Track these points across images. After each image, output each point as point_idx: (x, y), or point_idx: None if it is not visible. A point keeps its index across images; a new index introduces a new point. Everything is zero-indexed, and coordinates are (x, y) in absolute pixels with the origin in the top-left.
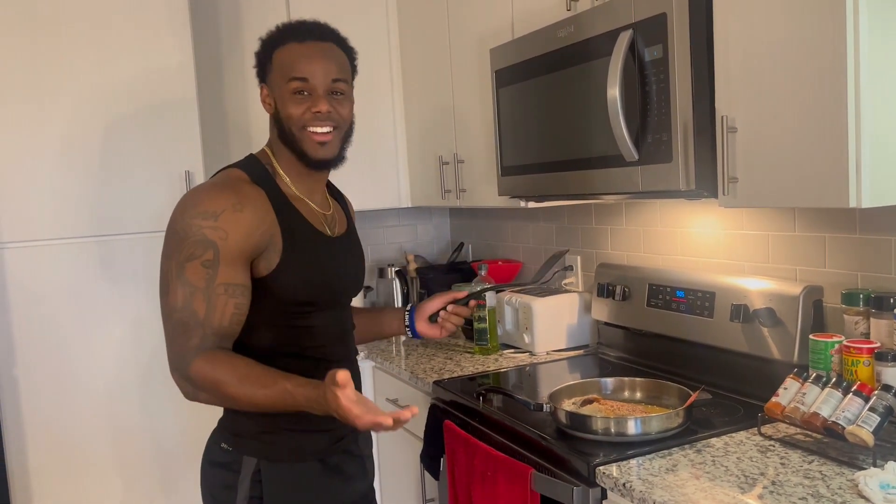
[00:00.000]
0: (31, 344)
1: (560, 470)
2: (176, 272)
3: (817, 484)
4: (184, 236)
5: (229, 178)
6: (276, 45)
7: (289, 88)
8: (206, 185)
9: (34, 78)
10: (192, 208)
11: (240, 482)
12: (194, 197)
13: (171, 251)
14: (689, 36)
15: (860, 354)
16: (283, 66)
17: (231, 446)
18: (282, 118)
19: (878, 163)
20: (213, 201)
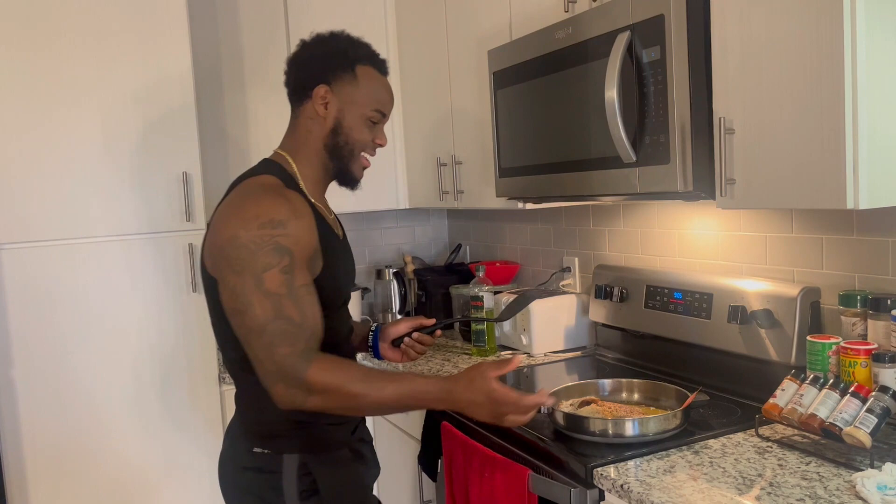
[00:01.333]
0: (28, 345)
1: (557, 471)
2: (254, 285)
3: (815, 485)
4: (255, 248)
5: (274, 186)
6: (359, 60)
7: (368, 114)
8: (255, 193)
9: (33, 82)
10: (255, 220)
11: (284, 480)
12: (252, 208)
13: (241, 266)
14: (686, 37)
15: (857, 356)
16: (371, 92)
17: (266, 448)
18: (345, 136)
19: (875, 164)
20: (275, 210)
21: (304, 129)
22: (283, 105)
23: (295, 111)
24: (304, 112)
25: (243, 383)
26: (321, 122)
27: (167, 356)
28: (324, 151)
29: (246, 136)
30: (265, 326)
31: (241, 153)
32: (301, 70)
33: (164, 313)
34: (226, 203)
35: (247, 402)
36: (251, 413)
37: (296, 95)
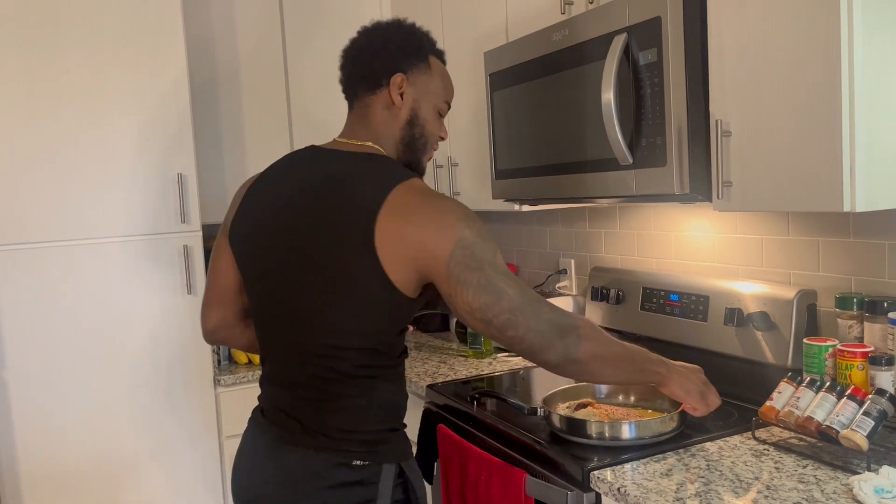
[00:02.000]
0: (21, 347)
1: (554, 474)
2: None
3: (812, 488)
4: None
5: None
6: (432, 52)
7: (440, 107)
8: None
9: (30, 84)
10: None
11: (380, 492)
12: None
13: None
14: (683, 40)
15: (854, 358)
16: (443, 83)
17: (368, 460)
18: (421, 128)
19: (871, 167)
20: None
21: (379, 120)
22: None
23: (362, 100)
24: (377, 101)
25: (347, 394)
26: (396, 113)
27: (162, 358)
28: (400, 143)
29: (241, 137)
30: (522, 300)
31: (236, 154)
32: (374, 58)
33: (159, 315)
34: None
35: (347, 413)
36: (351, 424)
37: (365, 83)
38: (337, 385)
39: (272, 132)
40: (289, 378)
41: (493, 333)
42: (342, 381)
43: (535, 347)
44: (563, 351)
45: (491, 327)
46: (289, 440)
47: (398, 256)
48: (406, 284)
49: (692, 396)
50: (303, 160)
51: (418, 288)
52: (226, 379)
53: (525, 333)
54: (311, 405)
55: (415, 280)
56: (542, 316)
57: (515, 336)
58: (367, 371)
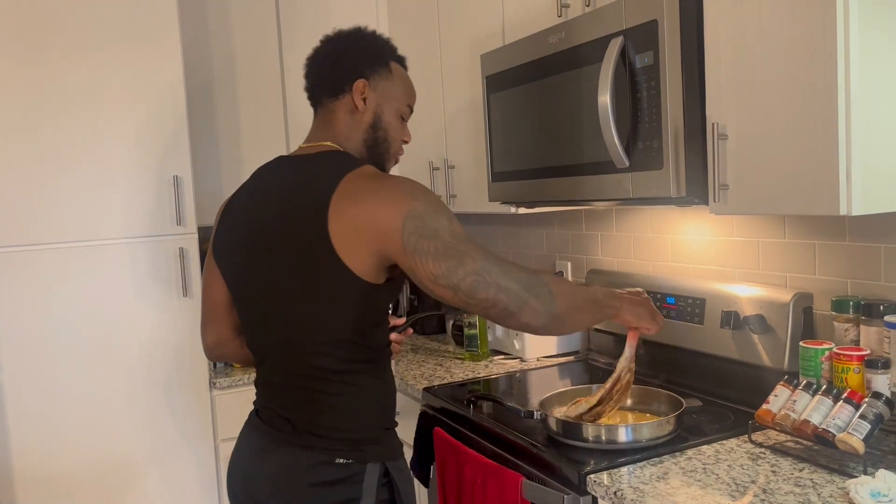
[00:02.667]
0: (17, 349)
1: (551, 478)
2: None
3: (808, 492)
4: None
5: None
6: (393, 58)
7: (402, 110)
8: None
9: (27, 87)
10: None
11: (364, 491)
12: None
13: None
14: (679, 43)
15: (850, 361)
16: (404, 87)
17: (351, 458)
18: (384, 131)
19: (868, 170)
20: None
21: (343, 124)
22: (274, 109)
23: (327, 106)
24: (340, 107)
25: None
26: (359, 117)
27: (157, 361)
28: (363, 147)
29: (237, 139)
30: (486, 261)
31: (232, 156)
32: (336, 65)
33: (155, 317)
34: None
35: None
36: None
37: (328, 90)
38: (320, 383)
39: (268, 134)
40: (277, 379)
41: (463, 299)
42: (324, 379)
43: (511, 309)
44: (541, 309)
45: (459, 293)
46: (279, 440)
47: (353, 242)
48: (367, 270)
49: (644, 320)
50: (269, 171)
51: (382, 272)
52: (221, 382)
53: (497, 294)
54: (298, 404)
55: (375, 264)
56: (511, 275)
57: (487, 298)
58: (347, 366)
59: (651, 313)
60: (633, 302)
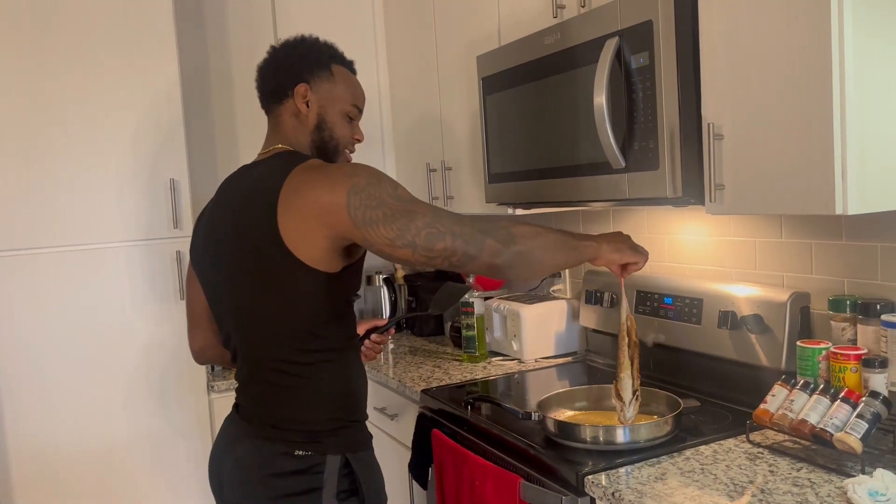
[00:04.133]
0: (14, 353)
1: (549, 479)
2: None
3: (806, 492)
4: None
5: None
6: (335, 59)
7: (346, 110)
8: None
9: (23, 90)
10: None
11: (325, 482)
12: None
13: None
14: (675, 43)
15: (847, 361)
16: (347, 88)
17: (309, 450)
18: (329, 132)
19: (864, 170)
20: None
21: (289, 127)
22: None
23: (274, 112)
24: (285, 111)
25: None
26: (304, 120)
27: (155, 364)
28: (311, 148)
29: (234, 142)
30: (436, 213)
31: (228, 160)
32: (278, 72)
33: (152, 321)
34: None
35: (289, 403)
36: (293, 414)
37: (274, 97)
38: (279, 376)
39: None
40: (245, 373)
41: (423, 254)
42: (283, 372)
43: (470, 252)
44: (502, 248)
45: (417, 249)
46: (248, 432)
47: (303, 231)
48: (320, 259)
49: (626, 255)
50: (231, 179)
51: (336, 259)
52: (219, 385)
53: (454, 241)
54: (261, 397)
55: (328, 250)
56: (463, 221)
57: (446, 247)
58: (305, 357)
59: (633, 246)
60: (611, 239)
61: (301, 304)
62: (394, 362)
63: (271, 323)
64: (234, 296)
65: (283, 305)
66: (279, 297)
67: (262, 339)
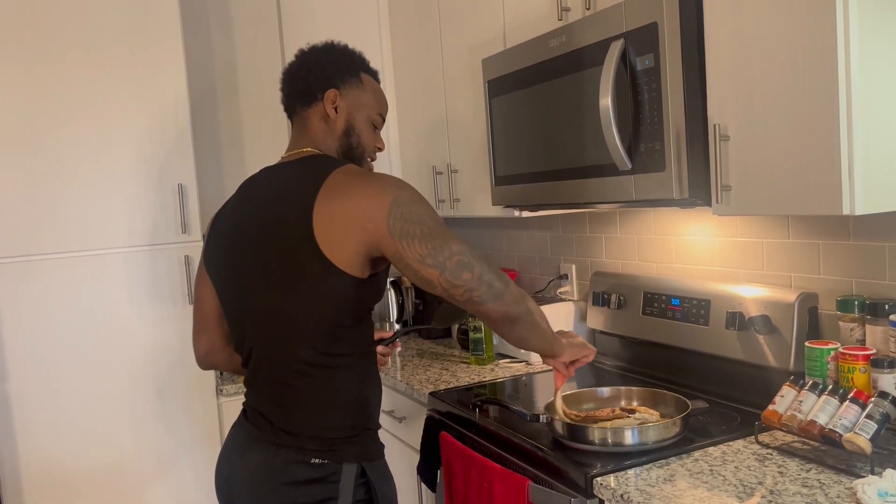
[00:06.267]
0: (23, 359)
1: (557, 481)
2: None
3: (815, 493)
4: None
5: None
6: (363, 68)
7: (373, 118)
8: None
9: (29, 96)
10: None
11: (341, 491)
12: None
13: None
14: (680, 45)
15: (856, 361)
16: (375, 97)
17: (326, 458)
18: (356, 138)
19: (870, 170)
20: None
21: (317, 130)
22: (277, 117)
23: (301, 114)
24: (313, 114)
25: (304, 390)
26: (332, 125)
27: (164, 369)
28: (338, 153)
29: (241, 147)
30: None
31: (235, 164)
32: (309, 75)
33: (161, 326)
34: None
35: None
36: (309, 421)
37: (302, 99)
38: (297, 377)
39: (271, 141)
40: (259, 376)
41: (448, 279)
42: (302, 373)
43: (491, 293)
44: (520, 299)
45: (445, 272)
46: (259, 438)
47: (338, 235)
48: (351, 264)
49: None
50: (254, 181)
51: (366, 266)
52: (228, 388)
53: (481, 275)
54: (275, 401)
55: (360, 256)
56: (491, 266)
57: (471, 278)
58: (325, 360)
59: (583, 343)
60: (571, 344)
61: (328, 304)
62: (401, 365)
63: (295, 323)
64: (256, 294)
65: (309, 305)
66: (307, 296)
67: (283, 339)
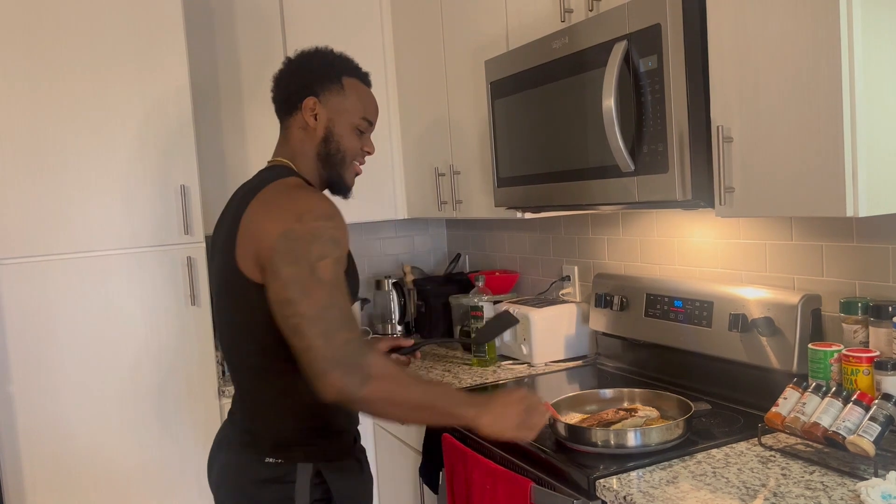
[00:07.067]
0: (26, 361)
1: (560, 483)
2: (308, 273)
3: (819, 495)
4: (311, 239)
5: (306, 185)
6: (345, 72)
7: (355, 122)
8: (295, 191)
9: (31, 97)
10: (309, 213)
11: (297, 491)
12: (302, 203)
13: (297, 256)
14: (683, 46)
15: (860, 363)
16: (357, 101)
17: (281, 458)
18: (336, 144)
19: (874, 171)
20: (323, 205)
21: (296, 139)
22: None
23: (284, 123)
24: (294, 123)
25: (259, 392)
26: (312, 133)
27: (166, 370)
28: (317, 160)
29: (244, 148)
30: (322, 313)
31: (238, 166)
32: (289, 84)
33: (163, 327)
34: (262, 203)
35: (261, 411)
36: (264, 423)
37: (285, 108)
38: (253, 383)
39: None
40: (232, 379)
41: (287, 334)
42: (258, 379)
43: (312, 369)
44: (341, 386)
45: (286, 328)
46: (230, 437)
47: (244, 248)
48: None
49: (508, 433)
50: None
51: None
52: (230, 390)
53: (308, 349)
54: (241, 405)
55: (259, 270)
56: (333, 340)
57: (299, 347)
58: (278, 366)
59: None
60: (497, 412)
61: (261, 314)
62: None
63: (241, 331)
64: (216, 303)
65: (247, 314)
66: (242, 306)
67: (236, 346)
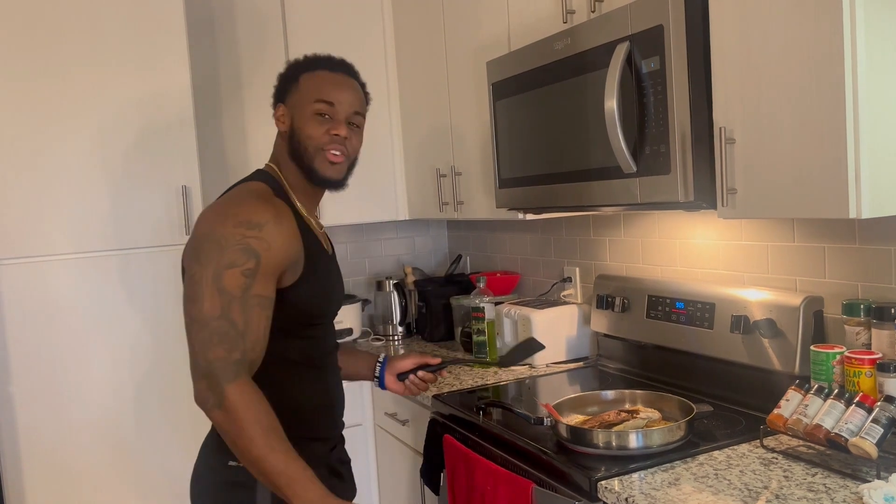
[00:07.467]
0: (26, 361)
1: (561, 484)
2: (212, 278)
3: (821, 497)
4: (225, 244)
5: (261, 191)
6: (305, 69)
7: (313, 109)
8: (239, 195)
9: (32, 97)
10: (234, 217)
11: (258, 496)
12: (233, 206)
13: (207, 258)
14: (685, 47)
15: (862, 365)
16: (310, 88)
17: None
18: (298, 137)
19: (877, 173)
20: (255, 212)
21: (277, 147)
22: None
23: None
24: (277, 135)
25: None
26: (284, 136)
27: (166, 370)
28: (292, 161)
29: (245, 149)
30: (209, 322)
31: (239, 166)
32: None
33: (164, 327)
34: (211, 205)
35: None
36: None
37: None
38: None
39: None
40: None
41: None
42: None
43: (191, 368)
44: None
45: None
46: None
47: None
48: None
49: None
50: None
51: None
52: None
53: (189, 350)
54: None
55: None
56: (207, 353)
57: (188, 344)
58: None
59: None
60: None
61: None
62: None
63: None
64: None
65: None
66: None
67: None
